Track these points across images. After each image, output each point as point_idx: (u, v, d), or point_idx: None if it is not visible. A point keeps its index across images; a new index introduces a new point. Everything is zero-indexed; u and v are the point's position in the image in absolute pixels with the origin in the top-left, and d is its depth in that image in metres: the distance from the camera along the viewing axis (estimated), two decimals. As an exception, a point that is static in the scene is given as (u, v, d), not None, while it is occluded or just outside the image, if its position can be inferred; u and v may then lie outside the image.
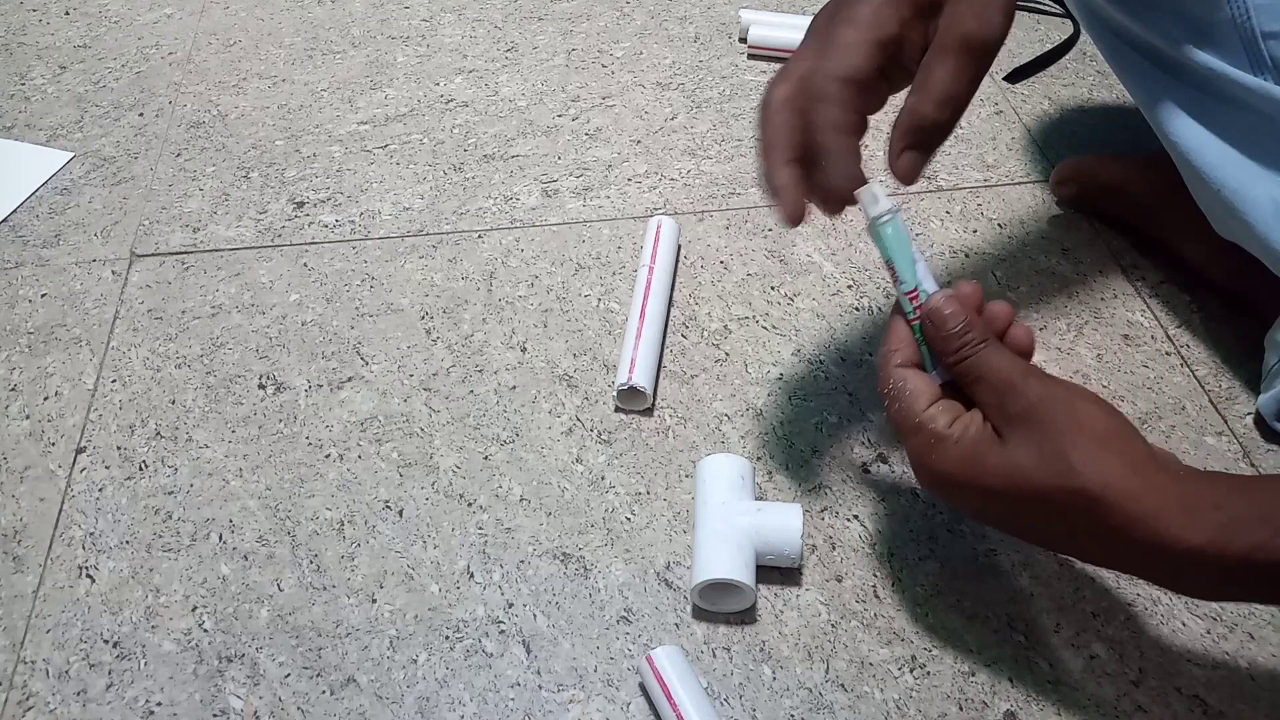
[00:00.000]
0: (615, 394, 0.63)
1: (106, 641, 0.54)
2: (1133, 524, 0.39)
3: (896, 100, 0.48)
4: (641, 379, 0.62)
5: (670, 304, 0.69)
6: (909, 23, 0.46)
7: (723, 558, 0.52)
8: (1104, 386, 0.64)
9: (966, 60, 0.46)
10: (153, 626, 0.55)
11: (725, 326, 0.68)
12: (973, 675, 0.51)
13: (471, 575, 0.56)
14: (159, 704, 0.52)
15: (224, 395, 0.66)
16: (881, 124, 0.48)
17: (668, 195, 0.78)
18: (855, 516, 0.58)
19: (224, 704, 0.51)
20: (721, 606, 0.53)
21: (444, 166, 0.82)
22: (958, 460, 0.44)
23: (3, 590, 0.56)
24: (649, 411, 0.63)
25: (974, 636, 0.53)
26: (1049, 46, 0.90)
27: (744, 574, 0.51)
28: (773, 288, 0.71)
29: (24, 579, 0.57)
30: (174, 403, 0.65)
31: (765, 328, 0.68)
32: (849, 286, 0.71)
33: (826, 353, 0.67)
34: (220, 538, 0.58)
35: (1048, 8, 0.96)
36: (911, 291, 0.47)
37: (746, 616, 0.53)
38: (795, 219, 0.47)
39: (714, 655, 0.52)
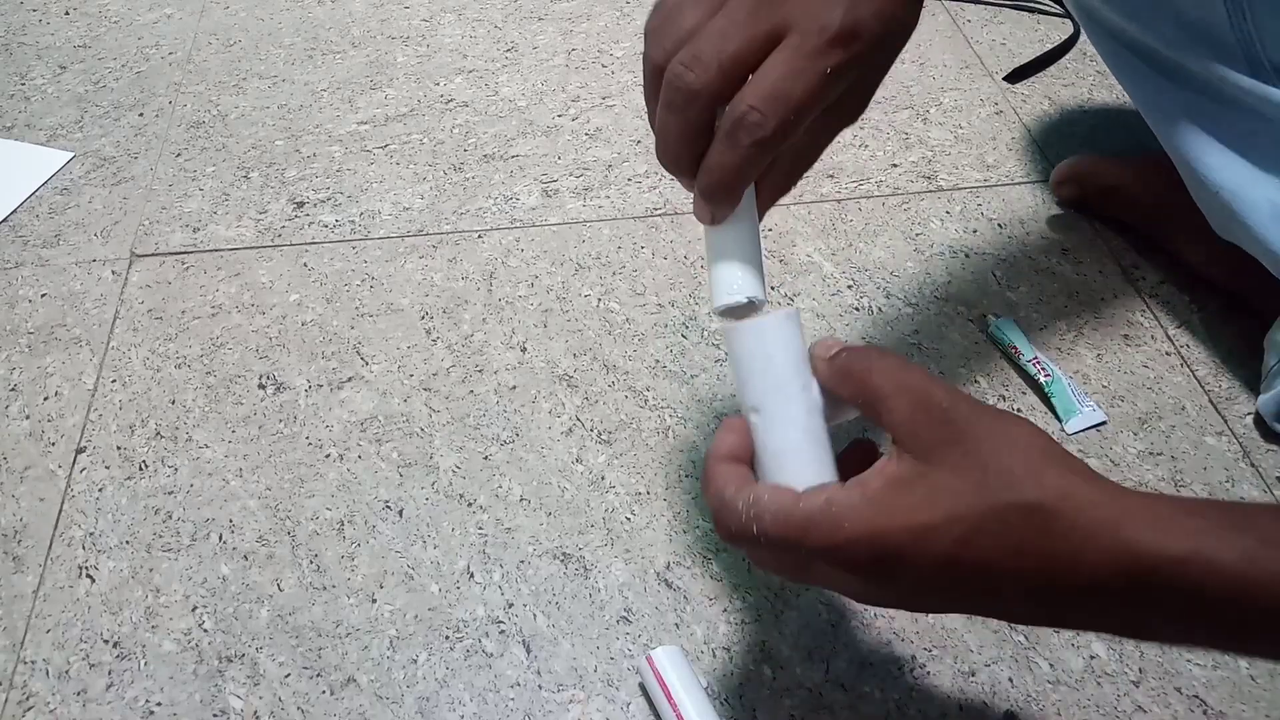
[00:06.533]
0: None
1: (106, 641, 0.54)
2: (1097, 533, 0.33)
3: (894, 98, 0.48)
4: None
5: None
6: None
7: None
8: (1104, 386, 0.64)
9: (812, 54, 0.34)
10: (153, 626, 0.55)
11: (725, 326, 0.68)
12: (973, 675, 0.51)
13: (471, 575, 0.56)
14: (159, 704, 0.52)
15: (224, 395, 0.66)
16: (875, 121, 0.48)
17: (667, 195, 0.78)
18: (855, 516, 0.58)
19: (224, 704, 0.51)
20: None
21: (444, 166, 0.82)
22: (875, 510, 0.34)
23: (3, 590, 0.56)
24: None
25: (974, 636, 0.53)
26: (1049, 46, 0.90)
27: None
28: (773, 288, 0.71)
29: (24, 579, 0.57)
30: (174, 403, 0.65)
31: (765, 328, 0.68)
32: (849, 286, 0.71)
33: (826, 353, 0.66)
34: (220, 538, 0.58)
35: (1048, 8, 0.96)
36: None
37: (746, 616, 0.53)
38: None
39: (714, 655, 0.52)
